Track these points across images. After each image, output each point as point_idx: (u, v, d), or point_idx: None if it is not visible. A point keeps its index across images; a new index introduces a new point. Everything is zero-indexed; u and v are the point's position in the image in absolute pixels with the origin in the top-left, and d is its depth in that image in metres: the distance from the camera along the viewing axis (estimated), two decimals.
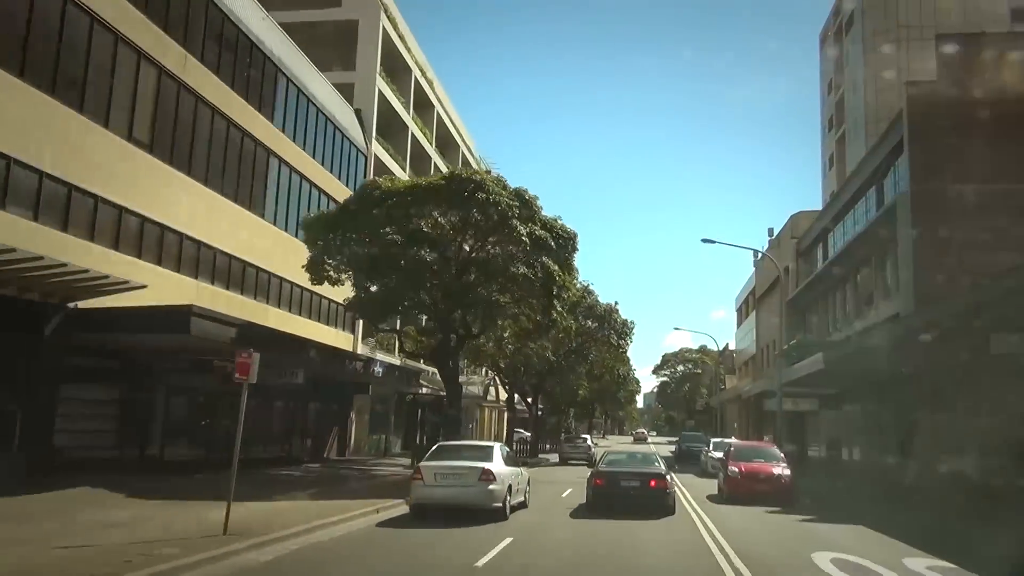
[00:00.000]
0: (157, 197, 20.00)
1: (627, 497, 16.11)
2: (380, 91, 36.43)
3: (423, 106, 44.21)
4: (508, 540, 11.90)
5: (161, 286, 19.52)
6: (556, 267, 21.97)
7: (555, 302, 22.64)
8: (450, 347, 24.15)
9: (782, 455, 20.72)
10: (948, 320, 19.39)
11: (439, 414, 25.83)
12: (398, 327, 29.19)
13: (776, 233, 51.38)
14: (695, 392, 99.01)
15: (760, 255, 58.20)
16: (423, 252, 20.80)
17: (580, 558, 11.17)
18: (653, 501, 16.04)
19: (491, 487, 14.33)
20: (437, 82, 46.07)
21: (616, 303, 41.81)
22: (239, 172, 24.19)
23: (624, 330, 42.07)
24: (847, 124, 66.25)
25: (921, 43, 60.73)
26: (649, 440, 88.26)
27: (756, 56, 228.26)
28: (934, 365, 21.38)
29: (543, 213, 22.65)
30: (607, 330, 41.10)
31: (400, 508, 16.20)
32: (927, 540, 12.53)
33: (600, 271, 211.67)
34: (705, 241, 33.63)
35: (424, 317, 26.37)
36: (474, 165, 45.83)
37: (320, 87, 30.42)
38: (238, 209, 24.08)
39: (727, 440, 32.40)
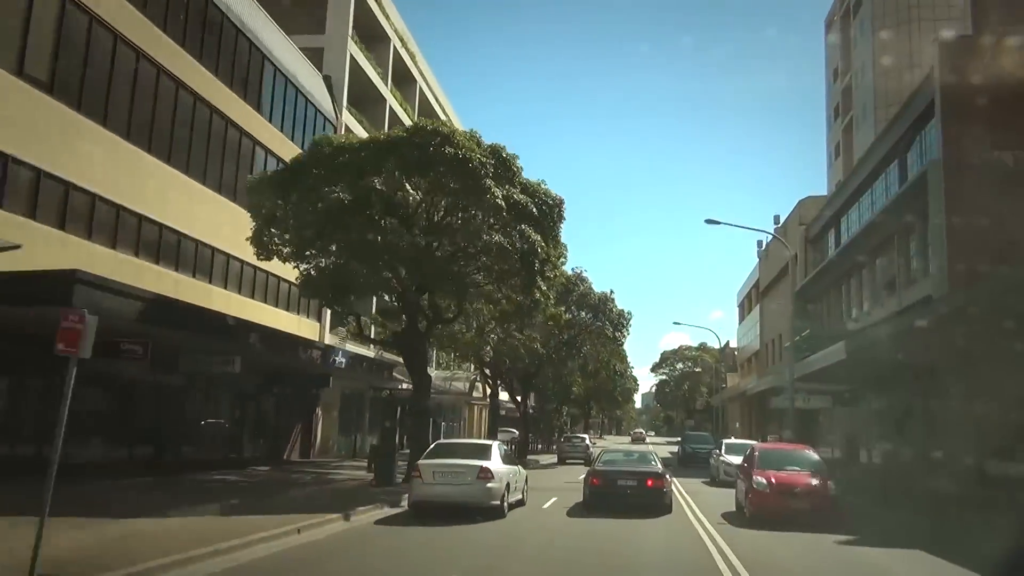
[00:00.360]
0: (59, 147, 16.69)
1: (624, 496, 16.06)
2: (352, 57, 33.16)
3: (404, 80, 40.92)
4: None
5: (63, 255, 16.24)
6: (538, 237, 18.70)
7: (538, 279, 19.38)
8: (418, 332, 20.86)
9: (819, 460, 16.46)
10: (1000, 300, 16.35)
11: (409, 410, 22.40)
12: (369, 310, 25.65)
13: (782, 221, 48.05)
14: (695, 391, 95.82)
15: (766, 244, 55.16)
16: (378, 217, 17.38)
17: None
18: (650, 500, 16.01)
19: (489, 485, 14.42)
20: (420, 55, 42.81)
21: (612, 291, 38.54)
22: (173, 130, 20.84)
23: (620, 321, 38.82)
24: (855, 110, 63.44)
25: (932, 23, 58.05)
26: (648, 440, 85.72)
27: (755, 47, 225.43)
28: (976, 353, 18.33)
29: (523, 176, 19.43)
30: (602, 320, 37.83)
31: (335, 524, 13.00)
32: (1008, 570, 9.31)
33: (597, 269, 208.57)
34: (709, 222, 30.28)
35: (388, 297, 22.92)
36: None
37: (279, 44, 27.12)
38: (172, 172, 20.75)
39: (745, 441, 28.44)
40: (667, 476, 16.97)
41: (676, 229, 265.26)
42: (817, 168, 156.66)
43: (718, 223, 30.98)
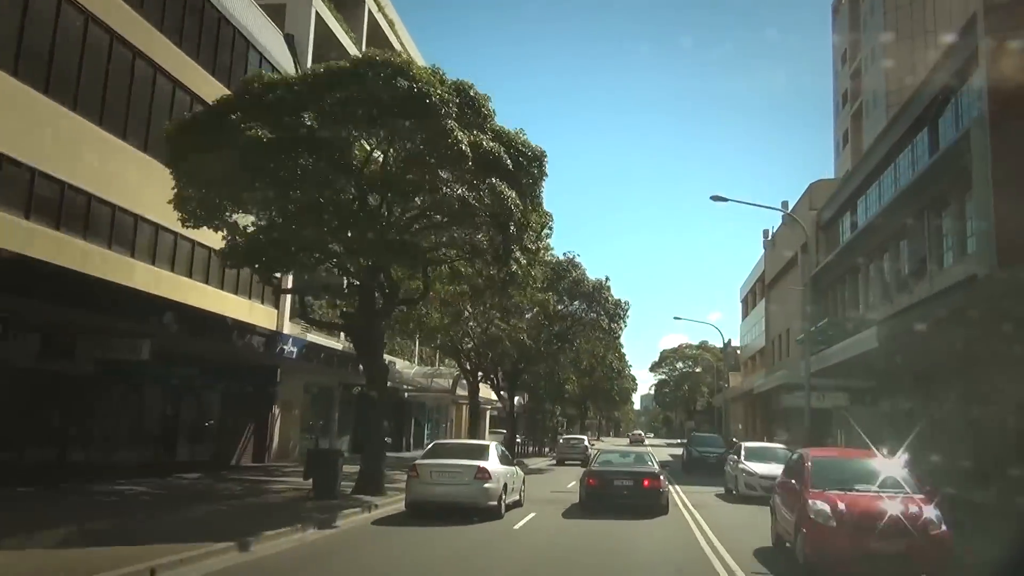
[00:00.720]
0: None
1: (620, 497, 16.22)
2: (319, 15, 29.81)
3: (381, 49, 37.49)
4: None
5: None
6: (513, 194, 15.29)
7: (514, 248, 16.01)
8: (371, 313, 17.48)
9: (907, 475, 10.56)
10: None
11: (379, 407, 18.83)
12: (321, 288, 22.05)
13: (791, 206, 44.71)
14: (695, 391, 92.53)
15: (773, 234, 51.92)
16: (305, 161, 13.82)
17: None
18: (647, 501, 16.13)
19: (486, 485, 14.41)
20: (400, 23, 39.46)
21: (607, 279, 35.00)
22: (80, 72, 17.36)
23: (616, 312, 35.34)
24: (864, 95, 60.33)
25: (947, 1, 54.97)
26: (646, 442, 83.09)
27: (755, 47, 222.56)
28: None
29: (496, 122, 16.06)
30: (596, 310, 34.37)
31: (221, 557, 9.60)
32: None
33: (597, 266, 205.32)
34: (715, 199, 27.00)
35: (339, 272, 19.41)
36: None
37: None
38: (80, 121, 17.24)
39: (771, 445, 24.23)
40: (663, 476, 17.25)
41: (676, 228, 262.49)
42: (821, 166, 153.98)
43: (725, 200, 27.89)
